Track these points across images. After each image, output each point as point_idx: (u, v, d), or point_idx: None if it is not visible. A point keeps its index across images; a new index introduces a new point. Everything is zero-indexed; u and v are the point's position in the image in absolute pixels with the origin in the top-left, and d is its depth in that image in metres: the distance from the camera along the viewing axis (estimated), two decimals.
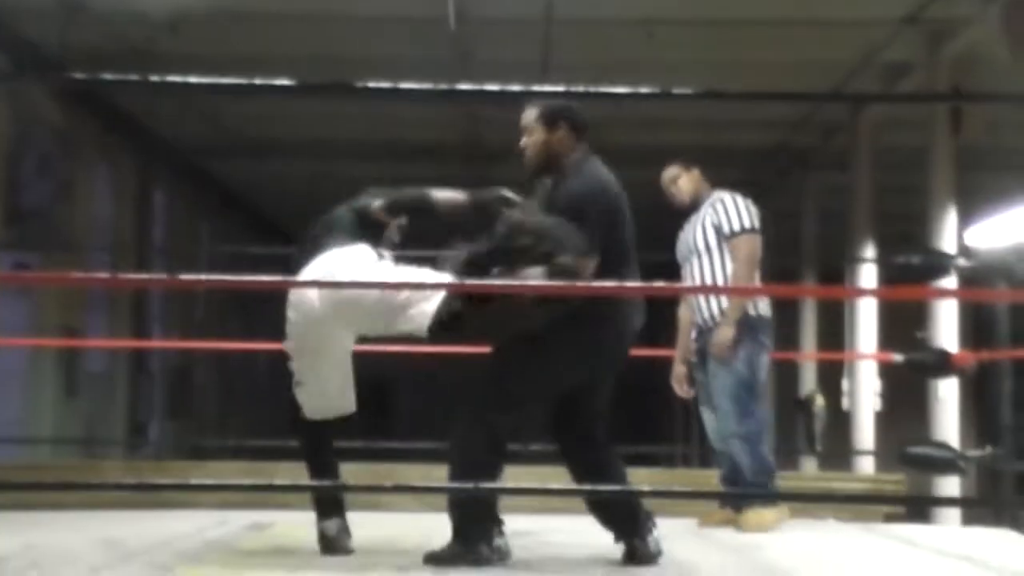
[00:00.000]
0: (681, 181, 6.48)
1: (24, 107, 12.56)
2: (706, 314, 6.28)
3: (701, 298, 6.31)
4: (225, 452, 15.37)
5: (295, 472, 8.62)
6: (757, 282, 6.54)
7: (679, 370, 6.52)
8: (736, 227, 6.29)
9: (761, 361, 6.30)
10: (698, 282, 6.34)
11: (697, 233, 6.37)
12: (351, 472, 5.73)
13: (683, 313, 6.57)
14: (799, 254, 16.70)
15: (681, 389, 6.52)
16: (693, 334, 6.41)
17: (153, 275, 14.93)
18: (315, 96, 12.13)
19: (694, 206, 6.47)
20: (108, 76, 11.00)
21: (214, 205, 19.78)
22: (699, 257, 6.34)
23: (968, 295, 13.42)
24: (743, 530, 5.99)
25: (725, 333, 6.13)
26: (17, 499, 7.54)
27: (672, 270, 6.57)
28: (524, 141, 4.94)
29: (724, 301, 6.20)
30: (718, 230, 6.30)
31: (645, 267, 4.88)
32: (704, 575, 4.63)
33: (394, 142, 15.60)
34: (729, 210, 6.33)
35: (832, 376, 15.06)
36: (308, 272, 4.82)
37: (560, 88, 5.97)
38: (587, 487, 4.77)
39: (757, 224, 6.35)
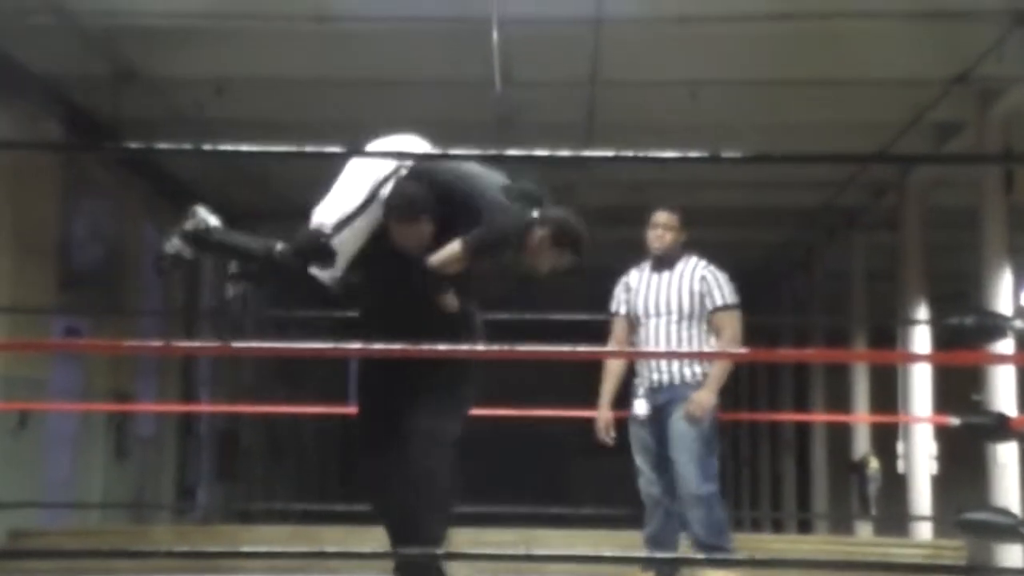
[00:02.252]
0: (671, 235, 6.42)
1: (76, 173, 12.65)
2: (670, 374, 6.22)
3: (665, 360, 6.25)
4: (272, 515, 15.34)
5: (342, 535, 8.57)
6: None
7: (606, 415, 6.43)
8: (726, 301, 6.30)
9: (715, 421, 6.30)
10: (669, 341, 6.27)
11: (679, 296, 6.30)
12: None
13: (612, 365, 6.50)
14: (848, 314, 16.52)
15: (607, 435, 6.42)
16: (641, 390, 6.32)
17: (202, 343, 14.97)
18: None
19: (663, 263, 6.40)
20: (162, 145, 11.19)
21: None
22: (678, 320, 6.27)
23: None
24: None
25: (708, 398, 6.13)
26: (70, 565, 7.53)
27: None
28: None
29: (695, 367, 6.20)
30: (703, 299, 6.27)
31: None
32: None
33: None
34: (720, 282, 6.33)
35: (886, 438, 14.83)
36: None
37: (609, 153, 5.92)
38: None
39: (738, 300, 6.36)
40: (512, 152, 9.33)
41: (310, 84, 11.56)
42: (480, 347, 4.50)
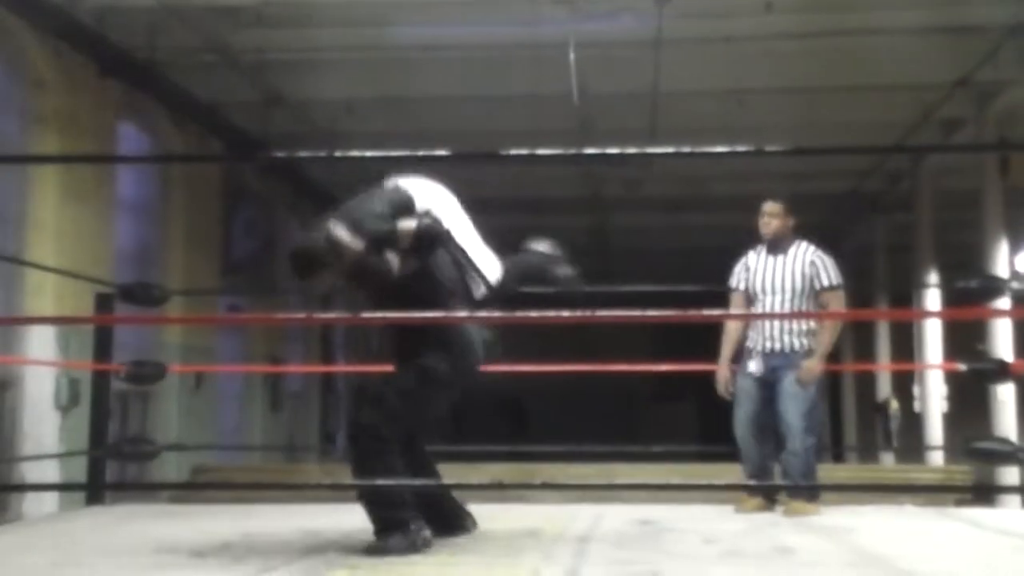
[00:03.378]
0: (777, 221, 6.36)
1: (233, 180, 12.90)
2: (784, 343, 6.19)
3: (783, 328, 6.21)
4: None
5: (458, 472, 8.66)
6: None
7: (725, 373, 6.40)
8: (833, 282, 6.21)
9: (819, 384, 6.27)
10: (778, 317, 6.23)
11: (792, 276, 6.24)
12: (502, 471, 5.73)
13: (733, 324, 6.44)
14: (872, 283, 16.37)
15: (726, 391, 6.40)
16: (754, 354, 6.27)
17: (338, 314, 15.14)
18: (467, 163, 12.25)
19: (776, 246, 6.34)
20: (303, 153, 11.35)
21: None
22: (792, 298, 6.20)
23: (1021, 314, 12.99)
24: (788, 515, 5.92)
25: (817, 366, 6.10)
26: (236, 495, 7.71)
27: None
28: None
29: (803, 337, 6.14)
30: (812, 280, 6.20)
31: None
32: (803, 554, 4.53)
33: (528, 198, 15.67)
34: (828, 265, 6.25)
35: (905, 384, 14.71)
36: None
37: (670, 149, 5.94)
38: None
39: (842, 280, 6.27)
40: (589, 150, 9.43)
41: (421, 101, 11.68)
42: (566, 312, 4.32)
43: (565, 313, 4.58)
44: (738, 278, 6.47)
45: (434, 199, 4.68)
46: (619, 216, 17.17)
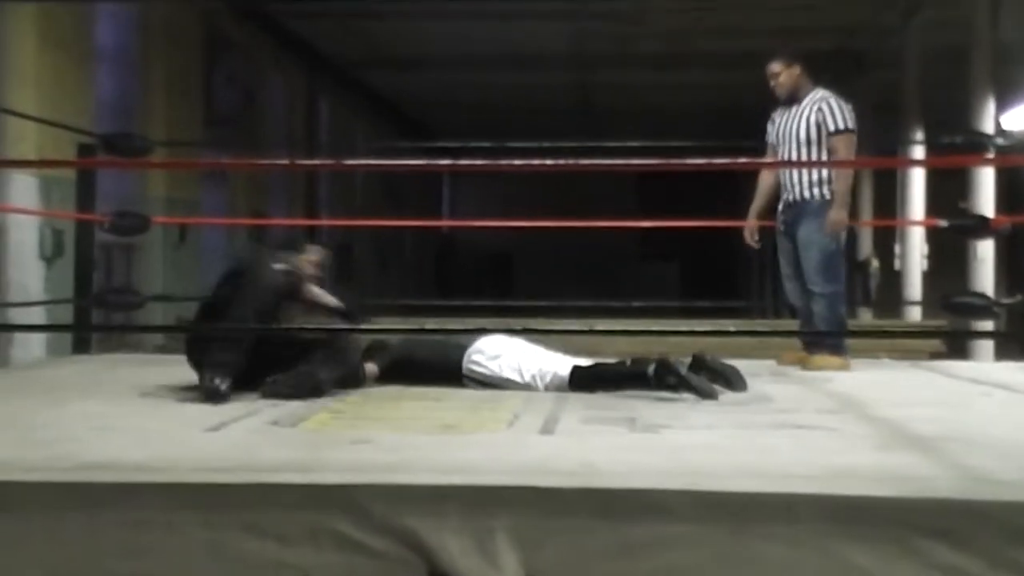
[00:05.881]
0: (782, 77, 6.26)
1: (214, 31, 12.67)
2: (796, 193, 6.17)
3: (795, 178, 6.18)
4: (382, 309, 15.61)
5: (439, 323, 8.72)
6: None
7: (753, 223, 6.42)
8: (839, 126, 6.11)
9: (843, 235, 6.26)
10: (796, 167, 6.19)
11: (800, 125, 6.17)
12: (486, 324, 5.77)
13: (764, 178, 6.46)
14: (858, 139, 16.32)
15: (752, 239, 6.43)
16: (780, 206, 6.30)
17: (320, 160, 15.08)
18: (433, 7, 12.10)
19: (792, 99, 6.25)
20: None
21: (367, 109, 19.92)
22: (799, 147, 6.16)
23: (1002, 163, 12.92)
24: (808, 368, 5.95)
25: (841, 215, 6.07)
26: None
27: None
28: None
29: (816, 188, 6.10)
30: (820, 127, 6.12)
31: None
32: (781, 401, 4.63)
33: (512, 55, 15.48)
34: (834, 110, 6.13)
35: (886, 241, 14.80)
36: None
37: None
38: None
39: (854, 125, 6.19)
40: None
41: None
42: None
43: (548, 162, 4.56)
44: (768, 133, 6.43)
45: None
46: (606, 74, 16.99)
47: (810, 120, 6.16)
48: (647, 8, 12.58)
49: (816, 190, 6.14)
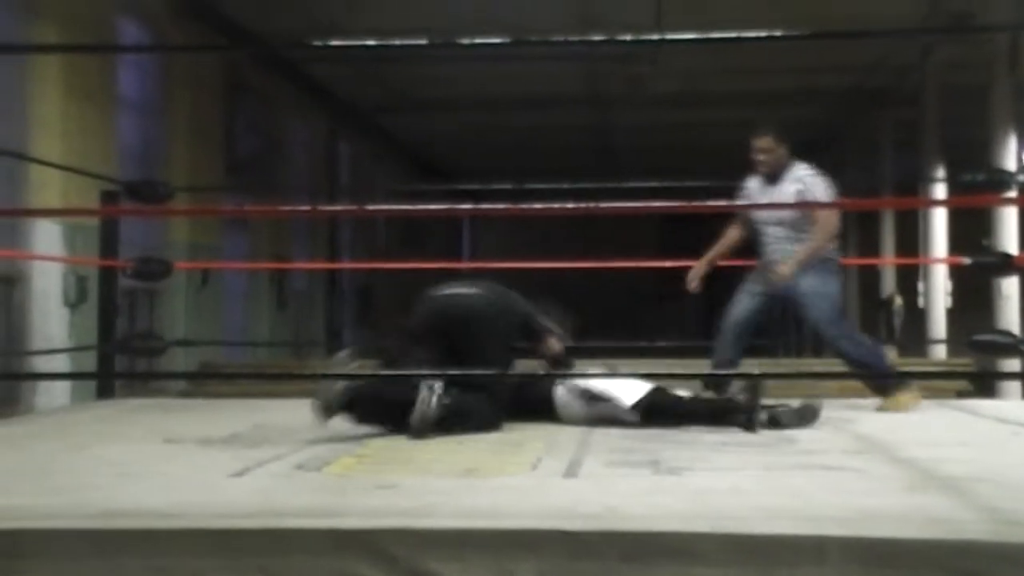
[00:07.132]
0: (764, 155, 6.19)
1: (235, 78, 12.79)
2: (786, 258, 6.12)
3: (780, 256, 6.11)
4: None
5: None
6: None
7: (700, 269, 6.35)
8: (821, 200, 6.09)
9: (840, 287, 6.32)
10: (779, 244, 6.15)
11: (784, 203, 6.14)
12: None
13: (731, 234, 6.42)
14: (878, 181, 16.29)
15: (692, 283, 6.36)
16: (762, 269, 6.25)
17: (341, 206, 15.15)
18: (467, 57, 12.15)
19: (771, 176, 6.22)
20: (298, 43, 11.17)
21: (387, 152, 20.06)
22: (782, 224, 6.14)
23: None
24: (884, 410, 5.84)
25: (789, 269, 6.00)
26: (244, 389, 7.79)
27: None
28: None
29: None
30: (803, 197, 6.07)
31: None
32: (806, 442, 4.59)
33: (529, 97, 15.55)
34: (816, 186, 6.12)
35: (909, 279, 14.73)
36: None
37: (680, 36, 5.85)
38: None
39: (835, 197, 6.21)
40: (594, 37, 9.17)
41: None
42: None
43: (570, 205, 4.58)
44: (739, 197, 6.35)
45: None
46: (622, 114, 17.05)
47: (793, 197, 6.10)
48: (661, 48, 12.60)
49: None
